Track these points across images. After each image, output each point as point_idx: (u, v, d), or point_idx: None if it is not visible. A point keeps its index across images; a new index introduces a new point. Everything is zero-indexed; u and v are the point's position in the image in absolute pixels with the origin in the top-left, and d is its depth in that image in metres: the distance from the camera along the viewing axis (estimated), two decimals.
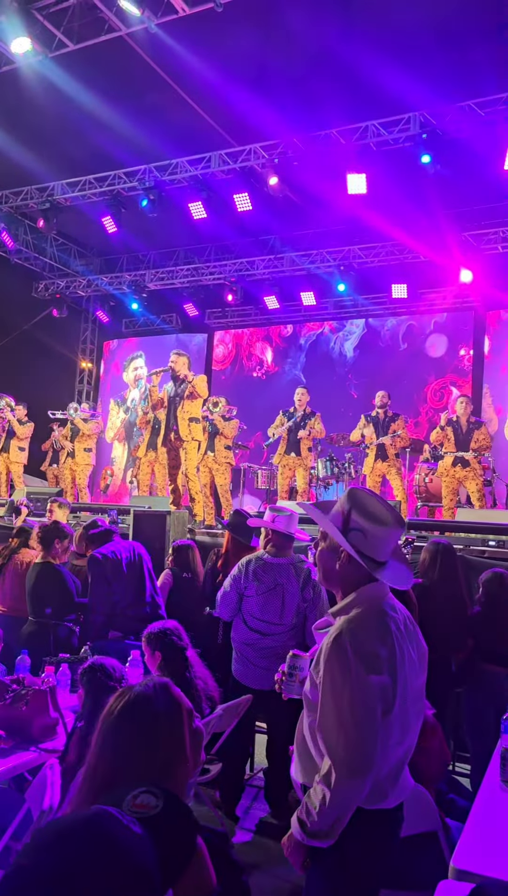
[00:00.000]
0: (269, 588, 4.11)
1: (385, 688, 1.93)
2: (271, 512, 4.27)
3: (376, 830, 1.98)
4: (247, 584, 4.16)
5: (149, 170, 10.96)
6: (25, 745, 3.05)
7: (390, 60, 8.02)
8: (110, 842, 0.93)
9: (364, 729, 1.87)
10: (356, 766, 1.86)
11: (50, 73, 8.85)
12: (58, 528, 4.99)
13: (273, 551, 4.21)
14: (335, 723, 1.89)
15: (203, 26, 7.99)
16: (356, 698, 1.88)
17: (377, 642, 1.96)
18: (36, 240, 14.01)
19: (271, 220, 11.72)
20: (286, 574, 4.14)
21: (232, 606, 4.23)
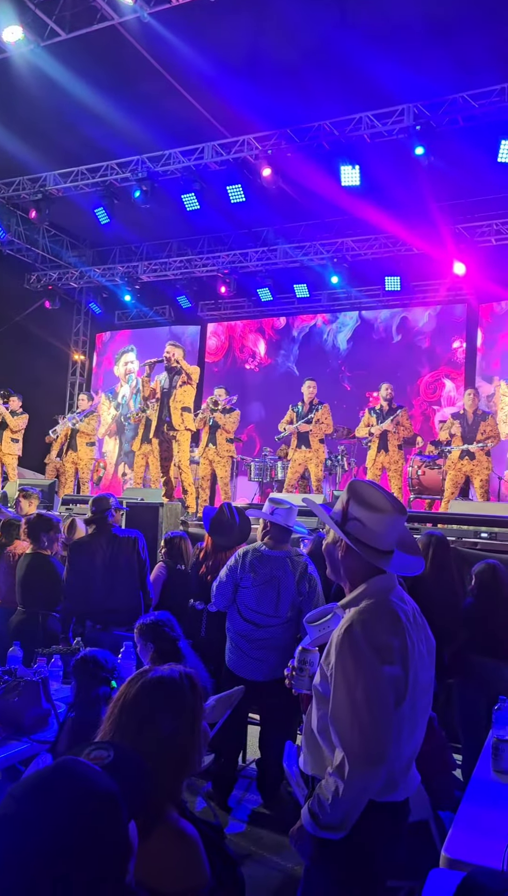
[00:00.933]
0: (265, 580, 4.12)
1: (398, 679, 1.93)
2: (271, 504, 4.26)
3: (386, 822, 1.99)
4: (243, 575, 4.16)
5: (142, 161, 10.90)
6: (17, 735, 3.05)
7: (383, 52, 8.00)
8: (76, 775, 1.08)
9: (379, 721, 1.87)
10: (370, 758, 1.86)
11: (42, 63, 8.77)
12: (43, 519, 4.98)
13: (271, 543, 4.21)
14: (348, 715, 1.88)
15: (196, 16, 7.94)
16: (370, 690, 1.88)
17: (390, 633, 1.96)
18: (28, 231, 13.93)
19: (264, 211, 11.68)
20: (283, 567, 4.14)
21: (228, 596, 4.24)
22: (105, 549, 4.80)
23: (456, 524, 6.41)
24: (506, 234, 11.34)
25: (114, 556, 4.78)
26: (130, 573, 4.80)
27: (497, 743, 2.91)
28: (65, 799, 1.03)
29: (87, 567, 4.74)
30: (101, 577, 4.72)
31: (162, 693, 1.65)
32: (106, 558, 4.77)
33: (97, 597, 4.70)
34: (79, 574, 4.74)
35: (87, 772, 1.10)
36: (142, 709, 1.63)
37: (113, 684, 2.89)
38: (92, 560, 4.76)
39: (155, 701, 1.64)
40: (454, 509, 7.40)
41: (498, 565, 4.37)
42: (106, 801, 1.05)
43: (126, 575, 4.78)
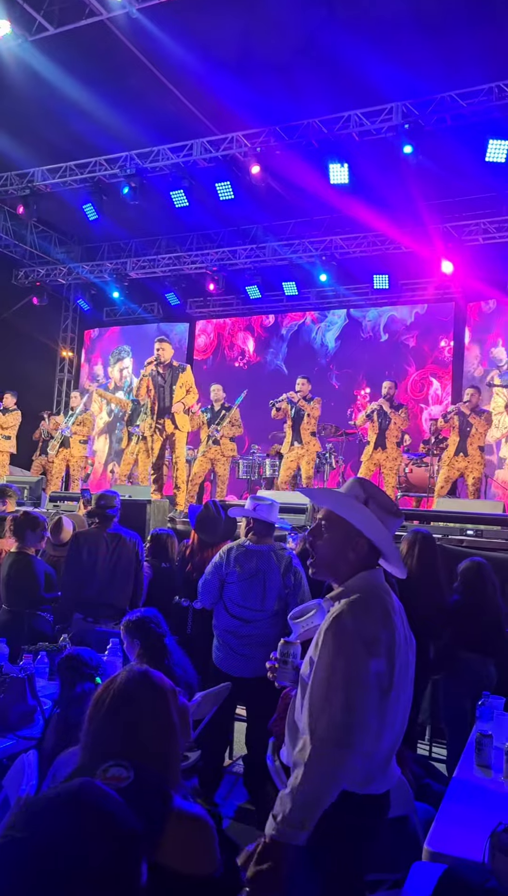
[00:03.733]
0: (251, 574, 4.14)
1: (381, 673, 1.92)
2: (253, 500, 4.29)
3: (365, 815, 1.98)
4: (229, 571, 4.18)
5: (130, 157, 10.87)
6: (2, 732, 3.05)
7: (372, 50, 8.02)
8: (96, 808, 0.98)
9: (352, 708, 1.86)
10: (333, 741, 1.84)
11: (30, 58, 8.73)
12: (30, 517, 4.96)
13: (255, 539, 4.23)
14: (321, 699, 1.89)
15: (185, 12, 7.93)
16: (350, 677, 1.87)
17: (380, 625, 1.95)
18: (16, 227, 13.87)
19: (253, 209, 11.67)
20: (268, 560, 4.16)
21: (214, 593, 4.25)
22: (108, 543, 4.83)
23: (443, 521, 6.44)
24: (494, 234, 11.39)
25: (114, 552, 4.83)
26: (128, 571, 4.85)
27: (480, 738, 2.94)
28: (79, 833, 0.93)
29: (88, 559, 4.77)
30: (100, 571, 4.76)
31: (121, 707, 1.64)
32: (108, 553, 4.81)
33: (94, 590, 4.73)
34: (79, 565, 4.77)
35: (105, 803, 1.00)
36: (109, 726, 1.62)
37: (98, 681, 2.89)
38: (95, 553, 4.80)
39: (118, 716, 1.62)
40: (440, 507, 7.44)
41: (484, 563, 4.40)
42: (125, 843, 0.97)
43: (124, 572, 4.83)
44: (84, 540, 4.87)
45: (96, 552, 4.79)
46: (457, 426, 8.66)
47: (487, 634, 4.20)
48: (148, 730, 1.60)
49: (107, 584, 4.75)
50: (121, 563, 4.82)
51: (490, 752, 2.90)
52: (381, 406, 9.12)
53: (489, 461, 11.57)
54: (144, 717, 1.61)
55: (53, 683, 3.44)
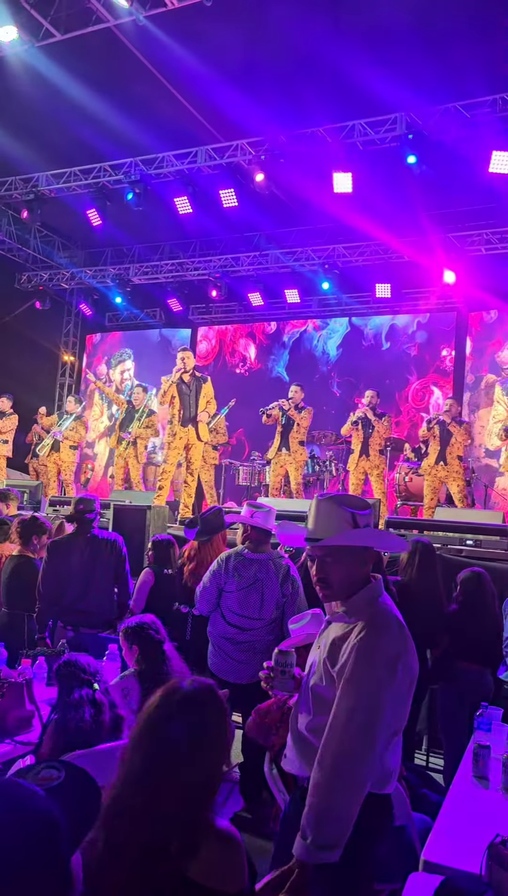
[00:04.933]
0: (249, 583, 4.13)
1: (402, 685, 1.98)
2: (249, 507, 4.29)
3: (379, 813, 2.00)
4: (227, 580, 4.17)
5: (135, 163, 10.91)
6: (1, 737, 3.04)
7: (377, 60, 8.05)
8: (13, 795, 1.03)
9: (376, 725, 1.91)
10: (360, 760, 1.88)
11: (36, 63, 8.78)
12: (37, 523, 4.97)
13: (252, 547, 4.23)
14: (347, 715, 1.92)
15: (192, 20, 7.97)
16: (377, 695, 1.92)
17: (400, 641, 2.01)
18: (19, 231, 13.90)
19: (256, 216, 11.71)
20: (266, 569, 4.16)
21: (211, 601, 4.25)
22: (83, 549, 4.79)
23: (442, 531, 6.44)
24: (496, 244, 11.42)
25: (91, 557, 4.77)
26: (106, 575, 4.80)
27: (478, 749, 2.93)
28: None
29: (62, 567, 4.72)
30: (76, 578, 4.71)
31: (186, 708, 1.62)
32: (83, 559, 4.76)
33: (70, 597, 4.70)
34: (54, 574, 4.71)
35: (24, 793, 1.04)
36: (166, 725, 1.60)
37: (95, 686, 2.89)
38: (68, 560, 4.74)
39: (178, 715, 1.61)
40: (439, 516, 7.45)
41: (483, 573, 4.40)
42: (40, 828, 0.99)
43: (101, 577, 4.78)
44: (58, 547, 4.83)
45: (70, 559, 4.75)
46: (437, 435, 8.69)
47: (486, 644, 4.20)
48: (209, 743, 1.59)
49: (83, 591, 4.71)
50: (97, 569, 4.78)
51: (487, 764, 2.90)
52: (365, 414, 9.18)
53: (491, 469, 11.58)
54: (209, 730, 1.61)
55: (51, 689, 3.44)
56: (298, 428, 9.20)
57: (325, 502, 2.17)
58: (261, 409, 9.34)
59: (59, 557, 4.75)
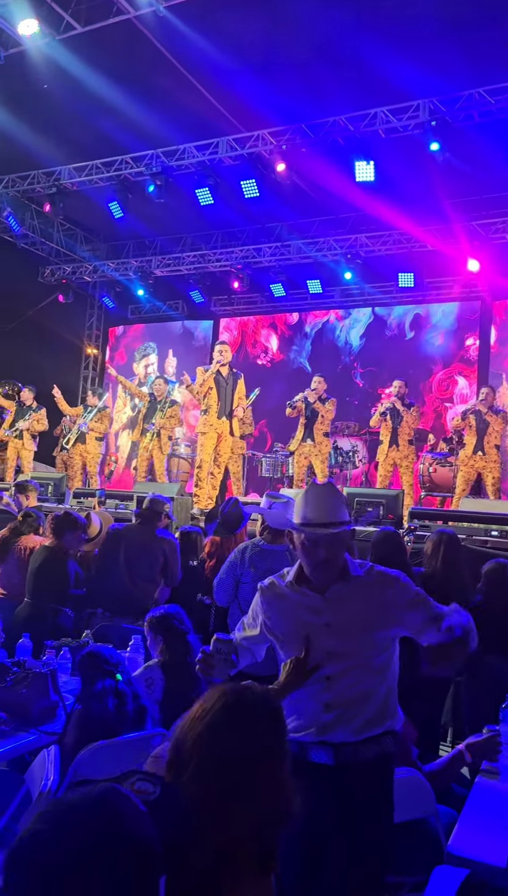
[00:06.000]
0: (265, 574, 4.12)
1: None
2: (268, 499, 4.28)
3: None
4: (243, 571, 4.18)
5: (156, 155, 10.90)
6: (25, 727, 3.07)
7: (399, 47, 7.95)
8: (118, 814, 0.99)
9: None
10: None
11: (57, 56, 8.77)
12: (70, 518, 5.02)
13: (269, 538, 4.22)
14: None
15: (212, 10, 7.92)
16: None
17: None
18: (42, 225, 13.96)
19: (278, 207, 11.65)
20: (282, 560, 4.15)
21: (229, 593, 4.25)
22: (138, 543, 5.00)
23: (467, 522, 6.39)
24: None
25: (144, 551, 4.97)
26: (153, 570, 4.92)
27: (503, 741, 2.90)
28: (100, 836, 0.95)
29: (115, 557, 4.97)
30: (124, 569, 4.92)
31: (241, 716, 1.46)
32: (136, 552, 4.96)
33: (118, 585, 4.85)
34: (108, 560, 4.97)
35: (129, 811, 1.01)
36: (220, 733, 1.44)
37: (118, 677, 2.90)
38: (122, 551, 4.97)
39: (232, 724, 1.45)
40: (465, 507, 7.38)
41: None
42: (143, 851, 0.97)
43: (148, 571, 4.95)
44: (119, 537, 4.98)
45: (125, 551, 4.89)
46: (474, 425, 8.63)
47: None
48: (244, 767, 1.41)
49: (129, 582, 4.83)
50: (146, 563, 4.92)
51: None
52: (393, 405, 9.10)
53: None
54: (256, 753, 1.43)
55: (76, 679, 3.47)
56: (322, 419, 9.16)
57: (324, 488, 2.36)
58: (288, 402, 9.32)
59: (115, 548, 4.99)
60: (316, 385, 9.29)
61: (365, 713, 2.22)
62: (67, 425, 11.55)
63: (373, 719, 2.22)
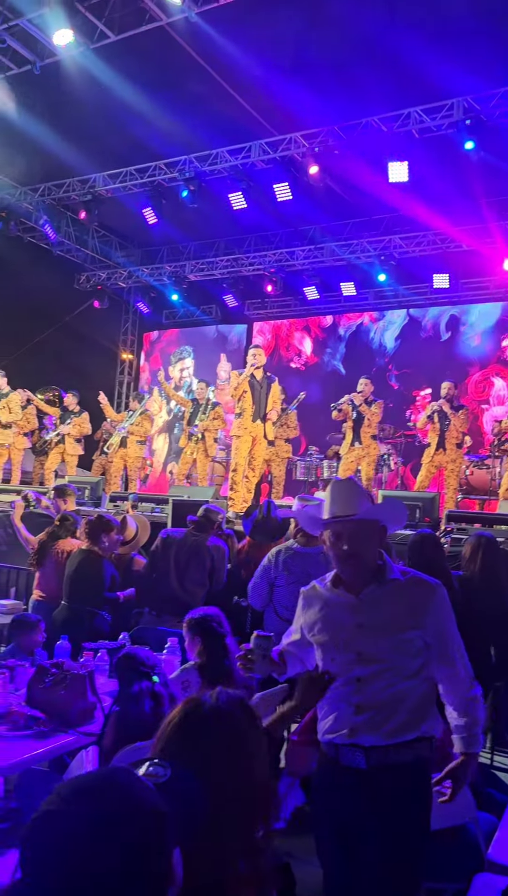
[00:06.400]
0: (299, 578, 4.11)
1: None
2: (300, 501, 4.27)
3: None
4: (277, 575, 4.17)
5: (189, 160, 10.97)
6: (64, 728, 3.10)
7: (433, 46, 7.89)
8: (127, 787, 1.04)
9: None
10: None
11: (91, 65, 8.89)
12: (104, 521, 5.06)
13: (303, 541, 4.21)
14: (460, 648, 2.29)
15: (243, 14, 7.95)
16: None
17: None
18: (78, 232, 14.14)
19: (311, 209, 11.63)
20: (316, 563, 4.13)
21: (264, 596, 4.25)
22: (189, 548, 5.12)
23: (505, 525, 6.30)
24: None
25: (193, 556, 5.09)
26: (201, 573, 5.07)
27: None
28: (109, 806, 0.99)
29: (165, 560, 5.11)
30: (173, 572, 5.05)
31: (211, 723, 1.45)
32: (186, 557, 5.09)
33: (165, 587, 5.02)
34: (158, 562, 5.13)
35: (137, 784, 1.05)
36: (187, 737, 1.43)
37: (155, 679, 2.91)
38: (172, 554, 5.11)
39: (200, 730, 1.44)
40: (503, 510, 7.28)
41: None
42: (150, 818, 1.00)
43: (195, 573, 5.06)
44: (171, 541, 5.17)
45: (178, 554, 5.08)
46: None
47: None
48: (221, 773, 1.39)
49: (177, 584, 4.95)
50: (193, 567, 5.06)
51: None
52: (441, 407, 8.95)
53: None
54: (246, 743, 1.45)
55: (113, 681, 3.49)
56: (368, 422, 9.08)
57: (345, 483, 2.40)
58: (332, 404, 9.27)
59: (166, 551, 5.14)
60: (362, 387, 9.21)
61: (397, 717, 2.19)
62: (108, 430, 11.66)
63: (406, 724, 2.19)
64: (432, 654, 2.25)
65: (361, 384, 9.23)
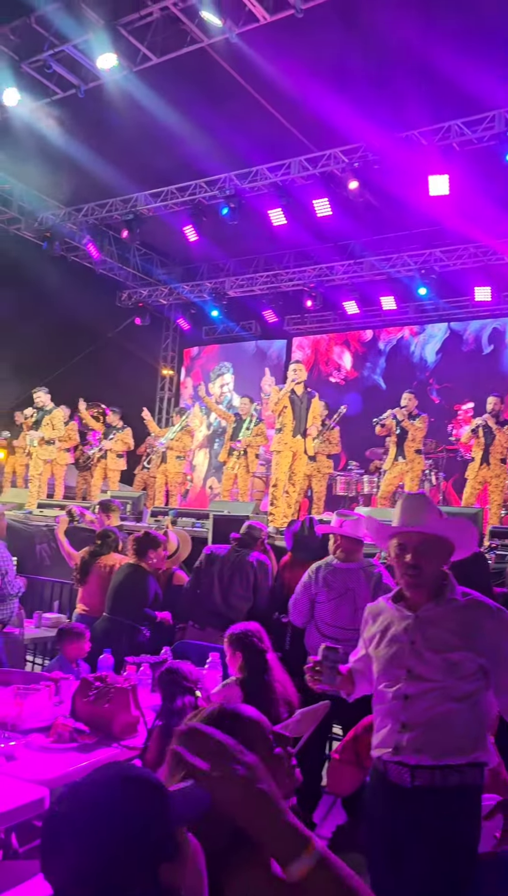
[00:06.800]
0: (340, 594, 4.08)
1: None
2: (339, 517, 4.25)
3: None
4: (318, 591, 4.15)
5: (229, 178, 11.08)
6: (108, 741, 3.11)
7: (473, 58, 7.85)
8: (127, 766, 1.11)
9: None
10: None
11: (133, 87, 9.05)
12: (151, 537, 5.13)
13: (343, 556, 4.19)
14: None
15: (282, 33, 8.02)
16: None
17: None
18: (120, 250, 14.38)
19: (350, 224, 11.64)
20: (357, 579, 4.10)
21: (304, 613, 4.23)
22: (233, 563, 5.18)
23: None
24: None
25: (236, 571, 5.14)
26: (245, 588, 5.10)
27: None
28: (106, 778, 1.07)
29: (209, 575, 5.20)
30: (218, 586, 5.12)
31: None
32: (229, 572, 5.15)
33: (209, 601, 5.10)
34: (201, 579, 5.22)
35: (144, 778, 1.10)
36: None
37: (197, 694, 2.92)
38: (216, 570, 5.19)
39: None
40: None
41: None
42: (145, 787, 1.06)
43: (239, 588, 5.10)
44: (213, 558, 5.24)
45: (222, 570, 5.15)
46: None
47: None
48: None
49: (221, 599, 5.01)
50: (240, 582, 5.09)
51: None
52: (486, 422, 8.83)
53: None
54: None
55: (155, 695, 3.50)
56: (412, 437, 9.00)
57: (417, 497, 2.42)
58: (374, 419, 9.20)
59: (210, 567, 5.23)
60: (406, 402, 9.13)
61: (444, 739, 2.15)
62: (152, 444, 11.77)
63: (454, 747, 2.15)
64: (491, 679, 2.20)
65: (405, 399, 9.14)
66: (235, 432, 9.85)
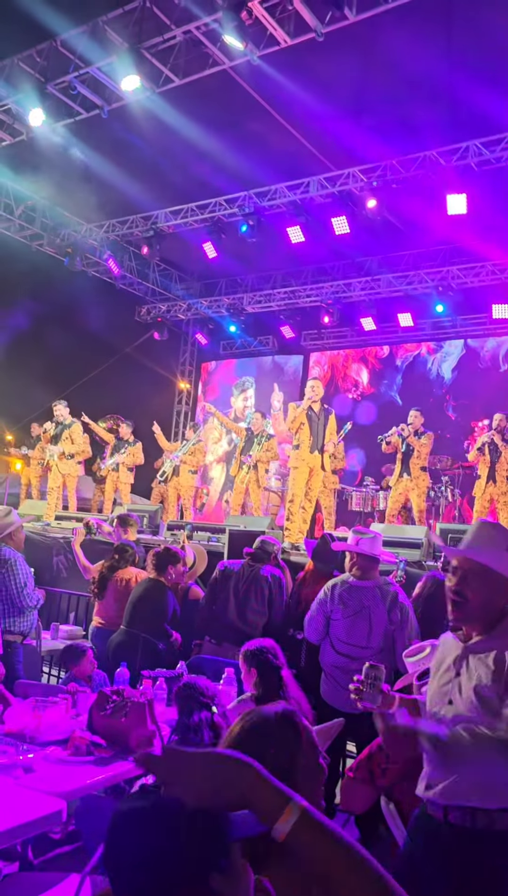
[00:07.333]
0: (355, 611, 4.10)
1: None
2: (355, 535, 4.27)
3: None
4: (333, 608, 4.17)
5: (249, 196, 11.21)
6: (123, 755, 3.14)
7: (490, 80, 7.94)
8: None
9: None
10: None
11: (155, 107, 9.21)
12: (171, 553, 5.18)
13: (358, 574, 4.21)
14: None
15: (304, 55, 8.14)
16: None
17: None
18: (139, 266, 14.55)
19: (368, 242, 11.72)
20: (372, 596, 4.12)
21: (319, 630, 4.25)
22: (248, 578, 5.20)
23: None
24: None
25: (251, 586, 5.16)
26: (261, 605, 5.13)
27: None
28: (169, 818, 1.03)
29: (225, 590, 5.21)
30: (233, 603, 5.14)
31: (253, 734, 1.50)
32: (244, 588, 5.16)
33: (225, 616, 5.11)
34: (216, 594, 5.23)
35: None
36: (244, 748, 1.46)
37: (214, 710, 2.95)
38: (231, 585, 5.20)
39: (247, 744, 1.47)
40: None
41: None
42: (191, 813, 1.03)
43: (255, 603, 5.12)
44: (227, 573, 5.27)
45: (236, 585, 5.16)
46: None
47: None
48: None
49: (237, 613, 5.03)
50: (255, 597, 5.11)
51: None
52: (492, 438, 8.84)
53: None
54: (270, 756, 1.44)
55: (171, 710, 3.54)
56: (418, 454, 9.00)
57: (488, 525, 2.32)
58: (379, 437, 9.23)
59: (225, 582, 5.25)
60: (413, 419, 9.14)
61: (473, 779, 2.07)
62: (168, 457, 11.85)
63: (486, 789, 2.06)
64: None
65: (411, 416, 9.15)
66: (246, 447, 9.89)
